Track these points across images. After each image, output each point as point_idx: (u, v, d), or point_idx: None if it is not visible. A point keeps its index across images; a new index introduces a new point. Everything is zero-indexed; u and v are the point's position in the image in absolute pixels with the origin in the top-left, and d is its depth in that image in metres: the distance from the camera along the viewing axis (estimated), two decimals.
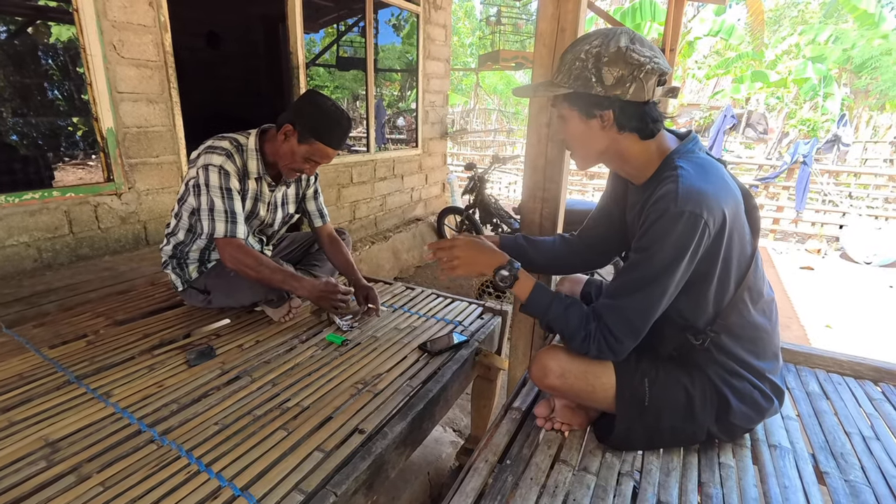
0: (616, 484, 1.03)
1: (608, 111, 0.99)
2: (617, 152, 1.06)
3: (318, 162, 1.63)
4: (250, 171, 1.66)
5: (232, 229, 1.58)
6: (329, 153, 1.61)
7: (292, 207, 1.89)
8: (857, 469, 1.10)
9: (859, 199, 7.04)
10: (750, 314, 1.05)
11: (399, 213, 5.16)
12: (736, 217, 0.98)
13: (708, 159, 1.03)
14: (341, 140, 1.61)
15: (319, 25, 5.67)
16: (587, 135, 1.05)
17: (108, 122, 2.49)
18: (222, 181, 1.56)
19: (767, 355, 1.09)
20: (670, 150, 1.04)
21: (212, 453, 1.07)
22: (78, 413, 1.20)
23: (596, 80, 0.97)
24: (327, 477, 1.01)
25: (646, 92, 0.96)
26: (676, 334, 1.07)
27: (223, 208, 1.57)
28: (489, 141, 12.44)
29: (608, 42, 0.95)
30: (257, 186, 1.70)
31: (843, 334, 3.87)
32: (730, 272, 1.00)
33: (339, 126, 1.58)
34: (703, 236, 0.92)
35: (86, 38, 2.35)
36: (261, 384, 1.35)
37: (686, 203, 0.91)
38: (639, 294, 0.98)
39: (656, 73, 0.95)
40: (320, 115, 1.56)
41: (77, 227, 2.48)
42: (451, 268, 1.18)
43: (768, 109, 13.32)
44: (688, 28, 9.83)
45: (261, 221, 1.79)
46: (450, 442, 2.15)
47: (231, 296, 1.73)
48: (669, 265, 0.94)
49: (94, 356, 1.47)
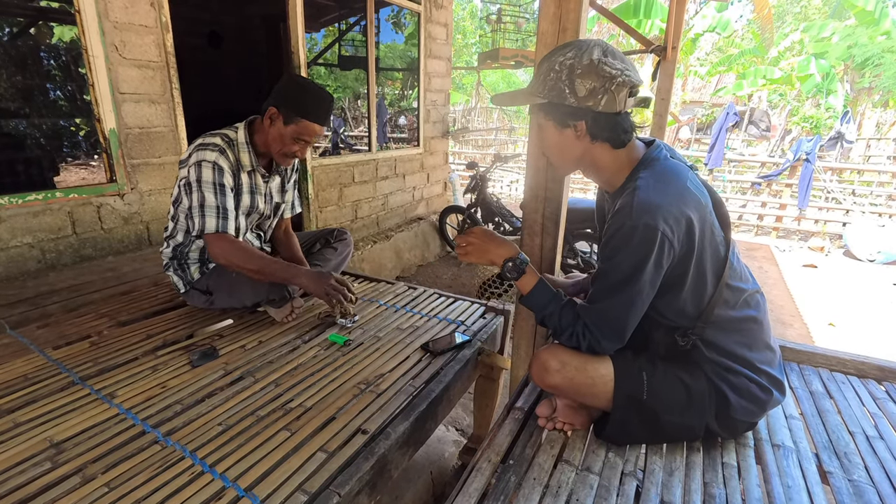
0: (619, 484, 1.04)
1: (581, 122, 1.04)
2: (591, 161, 1.11)
3: (308, 141, 1.62)
4: (244, 164, 1.66)
5: (223, 225, 1.57)
6: (316, 129, 1.61)
7: (279, 197, 1.89)
8: (860, 469, 1.10)
9: (863, 196, 7.01)
10: (735, 308, 1.07)
11: (401, 213, 5.16)
12: (704, 218, 1.02)
13: (670, 166, 1.06)
14: (326, 115, 1.62)
15: (321, 25, 5.67)
16: (562, 144, 1.09)
17: (111, 122, 2.50)
18: (215, 177, 1.57)
19: (760, 346, 1.10)
20: (639, 159, 1.08)
21: (216, 454, 1.07)
22: (82, 414, 1.21)
23: (569, 92, 1.00)
24: (331, 477, 1.01)
25: (617, 103, 1.00)
26: (664, 337, 1.11)
27: (214, 204, 1.57)
28: (491, 139, 12.43)
29: (581, 54, 0.99)
30: (252, 179, 1.71)
31: (847, 333, 3.86)
32: (705, 272, 1.04)
33: (322, 101, 1.59)
34: (664, 245, 0.96)
35: (87, 39, 2.35)
36: (264, 385, 1.35)
37: (641, 216, 0.96)
38: (608, 300, 1.04)
39: (627, 85, 1.00)
40: (302, 93, 1.57)
41: (80, 227, 2.49)
42: (465, 253, 1.26)
43: (771, 107, 13.27)
44: (690, 25, 9.78)
45: (260, 214, 1.79)
46: (452, 441, 2.15)
47: (233, 295, 1.73)
48: (631, 275, 0.99)
49: (97, 357, 1.48)
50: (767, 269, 5.52)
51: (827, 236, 6.71)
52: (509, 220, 4.89)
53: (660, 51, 2.99)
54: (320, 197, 3.99)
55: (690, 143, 12.32)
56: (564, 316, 1.10)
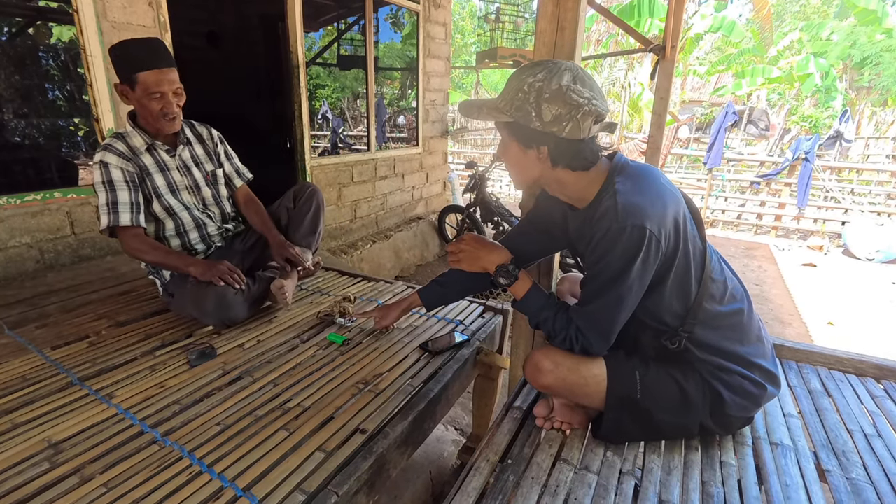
0: (617, 483, 1.04)
1: (544, 146, 1.03)
2: (553, 180, 1.10)
3: (162, 91, 1.58)
4: (137, 146, 1.68)
5: (114, 219, 1.61)
6: (156, 78, 1.55)
7: (210, 165, 1.88)
8: (858, 467, 1.10)
9: (861, 195, 7.02)
10: (722, 302, 1.08)
11: (400, 212, 5.16)
12: (681, 214, 1.03)
13: (642, 168, 1.07)
14: (156, 56, 1.56)
15: (319, 24, 5.66)
16: (523, 162, 1.08)
17: (109, 122, 2.49)
18: (103, 175, 1.61)
19: (751, 339, 1.11)
20: (608, 171, 1.07)
21: (214, 454, 1.07)
22: (80, 414, 1.20)
23: (535, 115, 0.99)
24: (329, 477, 1.01)
25: (581, 131, 0.99)
26: (652, 339, 1.11)
27: (105, 201, 1.61)
28: (489, 139, 12.42)
29: (551, 78, 0.97)
30: (154, 157, 1.72)
31: (846, 331, 3.87)
32: (689, 267, 1.04)
33: (146, 46, 1.56)
34: (652, 243, 0.96)
35: (86, 39, 2.35)
36: (262, 384, 1.35)
37: (626, 217, 0.96)
38: (598, 301, 1.03)
39: (593, 114, 0.98)
40: (123, 53, 1.55)
41: (79, 227, 2.49)
42: (456, 261, 1.26)
43: (770, 106, 13.27)
44: (689, 24, 9.79)
45: (188, 190, 1.80)
46: (451, 440, 2.15)
47: (184, 305, 1.72)
48: (620, 275, 0.99)
49: (96, 357, 1.48)
50: (766, 269, 5.52)
51: (826, 235, 6.72)
52: (508, 220, 4.89)
53: (658, 50, 2.99)
54: None
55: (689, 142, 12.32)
56: (558, 320, 1.10)
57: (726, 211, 7.47)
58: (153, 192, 1.71)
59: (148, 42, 1.57)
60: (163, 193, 1.73)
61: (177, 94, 1.63)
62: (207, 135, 1.90)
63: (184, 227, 1.80)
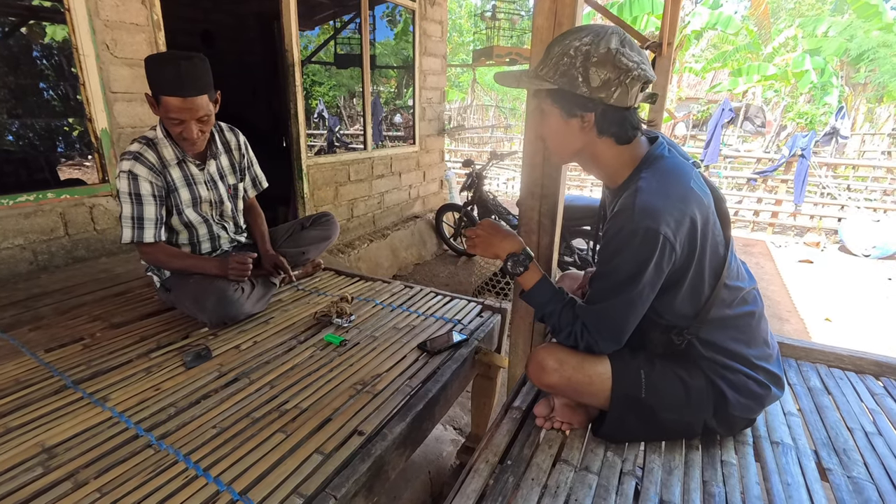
0: (618, 483, 1.03)
1: (590, 113, 0.99)
2: (592, 154, 1.07)
3: (182, 119, 1.49)
4: (168, 159, 1.63)
5: (138, 235, 1.58)
6: (177, 104, 1.46)
7: (232, 178, 1.86)
8: (860, 465, 1.09)
9: (857, 191, 7.03)
10: (732, 306, 1.06)
11: (397, 211, 5.14)
12: (707, 219, 0.99)
13: (673, 165, 1.03)
14: (183, 82, 1.44)
15: (315, 23, 5.63)
16: (565, 133, 1.05)
17: (103, 122, 2.47)
18: (130, 187, 1.55)
19: (757, 342, 1.09)
20: (642, 156, 1.05)
21: (210, 457, 1.06)
22: (75, 418, 1.19)
23: (582, 80, 0.96)
24: (327, 479, 1.00)
25: (629, 98, 0.96)
26: (660, 336, 1.09)
27: (130, 214, 1.57)
28: (487, 137, 12.41)
29: (599, 41, 0.94)
30: (183, 171, 1.68)
31: (843, 327, 3.87)
32: (704, 273, 1.01)
33: (175, 69, 1.42)
34: (666, 248, 0.94)
35: (78, 38, 2.32)
36: (259, 386, 1.34)
37: (642, 219, 0.93)
38: (607, 303, 1.01)
39: (642, 79, 0.96)
40: (153, 68, 1.45)
41: (72, 228, 2.46)
42: (472, 245, 1.25)
43: (766, 103, 13.29)
44: (685, 21, 9.78)
45: (210, 204, 1.78)
46: (450, 440, 2.14)
47: (183, 300, 1.72)
48: (632, 278, 0.96)
49: (90, 360, 1.46)
50: (764, 265, 5.52)
51: (822, 232, 6.73)
52: (506, 218, 4.87)
53: (655, 47, 2.98)
54: (316, 196, 3.96)
55: (686, 139, 12.34)
56: (564, 315, 1.09)
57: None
58: (175, 208, 1.69)
59: (179, 64, 1.43)
60: (184, 209, 1.70)
61: (202, 121, 1.54)
62: (235, 143, 1.87)
63: (198, 239, 1.81)
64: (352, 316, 1.75)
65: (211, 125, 1.61)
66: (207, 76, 1.52)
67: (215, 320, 1.65)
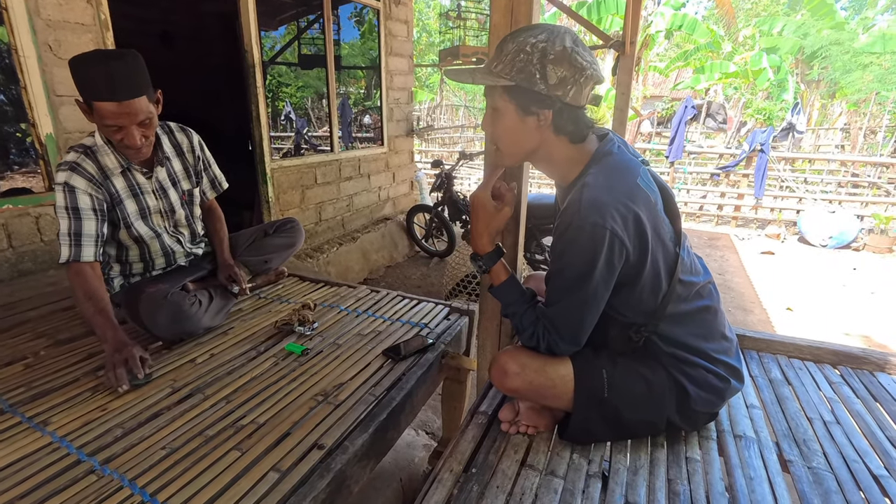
0: (584, 486, 1.01)
1: (548, 110, 0.99)
2: (545, 153, 1.06)
3: (121, 125, 1.34)
4: (109, 168, 1.50)
5: (76, 253, 1.44)
6: (112, 109, 1.30)
7: (187, 184, 1.73)
8: (819, 455, 1.11)
9: (814, 184, 7.31)
10: (687, 301, 1.06)
11: (367, 213, 5.07)
12: (654, 216, 0.99)
13: (621, 161, 1.03)
14: (115, 84, 1.28)
15: (279, 23, 5.51)
16: (520, 131, 1.03)
17: (48, 127, 2.34)
18: (67, 200, 1.43)
19: (715, 336, 1.10)
20: (591, 153, 1.05)
21: (157, 481, 0.99)
22: (10, 445, 1.10)
23: (540, 77, 0.95)
24: (283, 498, 0.95)
25: (582, 97, 0.98)
26: (619, 333, 1.09)
27: (67, 230, 1.44)
28: (457, 137, 12.41)
29: (554, 39, 0.94)
30: (128, 180, 1.55)
31: (804, 316, 4.00)
32: (659, 269, 1.02)
33: (105, 71, 1.27)
34: (615, 244, 0.93)
35: (17, 38, 2.19)
36: (214, 401, 1.27)
37: (588, 215, 0.92)
38: (563, 302, 1.01)
39: (593, 79, 0.97)
40: (79, 71, 1.29)
41: (17, 240, 2.32)
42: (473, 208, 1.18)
43: (727, 100, 13.70)
44: (648, 21, 9.99)
45: (161, 214, 1.67)
46: (423, 445, 2.11)
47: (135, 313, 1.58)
48: (582, 276, 0.96)
49: (31, 381, 1.37)
50: (728, 258, 5.68)
51: (782, 224, 6.97)
52: None
53: (618, 46, 3.01)
54: (281, 200, 3.87)
55: (652, 136, 12.61)
56: (527, 316, 1.09)
57: (688, 203, 7.66)
58: (122, 221, 1.56)
59: (108, 64, 1.28)
60: (133, 222, 1.57)
61: (143, 125, 1.40)
62: (188, 145, 1.73)
63: (150, 255, 1.70)
64: (314, 323, 1.70)
65: (154, 128, 1.48)
66: (143, 75, 1.37)
67: (171, 337, 1.57)
